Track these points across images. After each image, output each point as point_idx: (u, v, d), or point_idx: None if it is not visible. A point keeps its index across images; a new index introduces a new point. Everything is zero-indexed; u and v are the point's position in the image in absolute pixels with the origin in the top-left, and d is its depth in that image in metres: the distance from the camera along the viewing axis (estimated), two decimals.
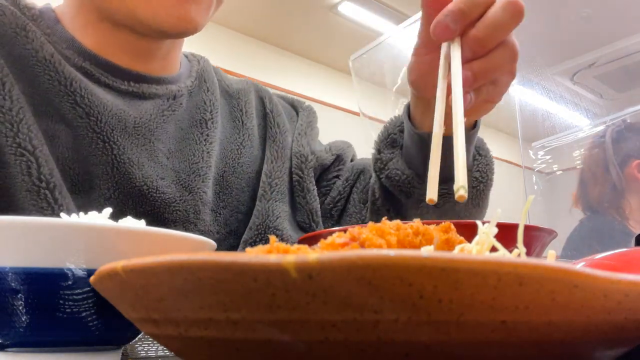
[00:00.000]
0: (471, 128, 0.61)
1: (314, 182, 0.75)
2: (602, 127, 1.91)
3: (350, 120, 3.68)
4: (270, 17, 3.61)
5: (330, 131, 0.83)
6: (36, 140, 0.55)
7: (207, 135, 0.69)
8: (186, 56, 0.76)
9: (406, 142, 0.65)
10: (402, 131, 0.66)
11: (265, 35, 3.83)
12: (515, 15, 0.45)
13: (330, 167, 0.78)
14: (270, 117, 0.78)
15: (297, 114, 0.83)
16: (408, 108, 0.63)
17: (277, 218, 0.69)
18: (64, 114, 0.58)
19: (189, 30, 0.60)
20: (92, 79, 0.62)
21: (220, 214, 0.68)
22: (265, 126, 0.78)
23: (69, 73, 0.59)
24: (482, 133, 0.65)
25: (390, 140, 0.67)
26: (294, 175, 0.74)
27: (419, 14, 0.52)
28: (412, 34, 0.55)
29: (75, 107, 0.58)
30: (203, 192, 0.65)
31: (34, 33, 0.59)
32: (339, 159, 0.79)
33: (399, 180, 0.64)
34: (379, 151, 0.68)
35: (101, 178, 0.59)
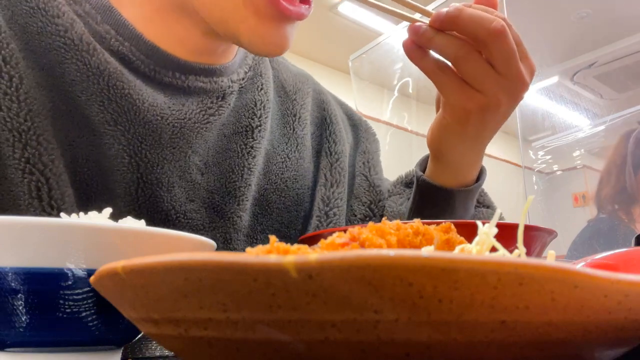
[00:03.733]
0: (475, 180, 0.57)
1: None
2: (602, 127, 1.91)
3: None
4: None
5: None
6: (46, 156, 0.46)
7: (252, 147, 0.59)
8: None
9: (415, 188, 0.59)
10: None
11: None
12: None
13: None
14: (332, 131, 0.67)
15: (355, 131, 0.73)
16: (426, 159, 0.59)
17: None
18: (88, 116, 0.49)
19: (280, 54, 0.53)
20: (130, 67, 0.51)
21: (256, 239, 0.59)
22: (321, 136, 0.67)
23: (99, 64, 0.49)
24: None
25: (409, 179, 0.64)
26: (365, 210, 0.65)
27: (418, 14, 0.51)
28: None
29: (102, 111, 0.49)
30: (237, 216, 0.57)
31: (59, 5, 0.48)
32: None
33: (387, 218, 0.57)
34: (394, 184, 0.64)
35: (122, 198, 0.50)
